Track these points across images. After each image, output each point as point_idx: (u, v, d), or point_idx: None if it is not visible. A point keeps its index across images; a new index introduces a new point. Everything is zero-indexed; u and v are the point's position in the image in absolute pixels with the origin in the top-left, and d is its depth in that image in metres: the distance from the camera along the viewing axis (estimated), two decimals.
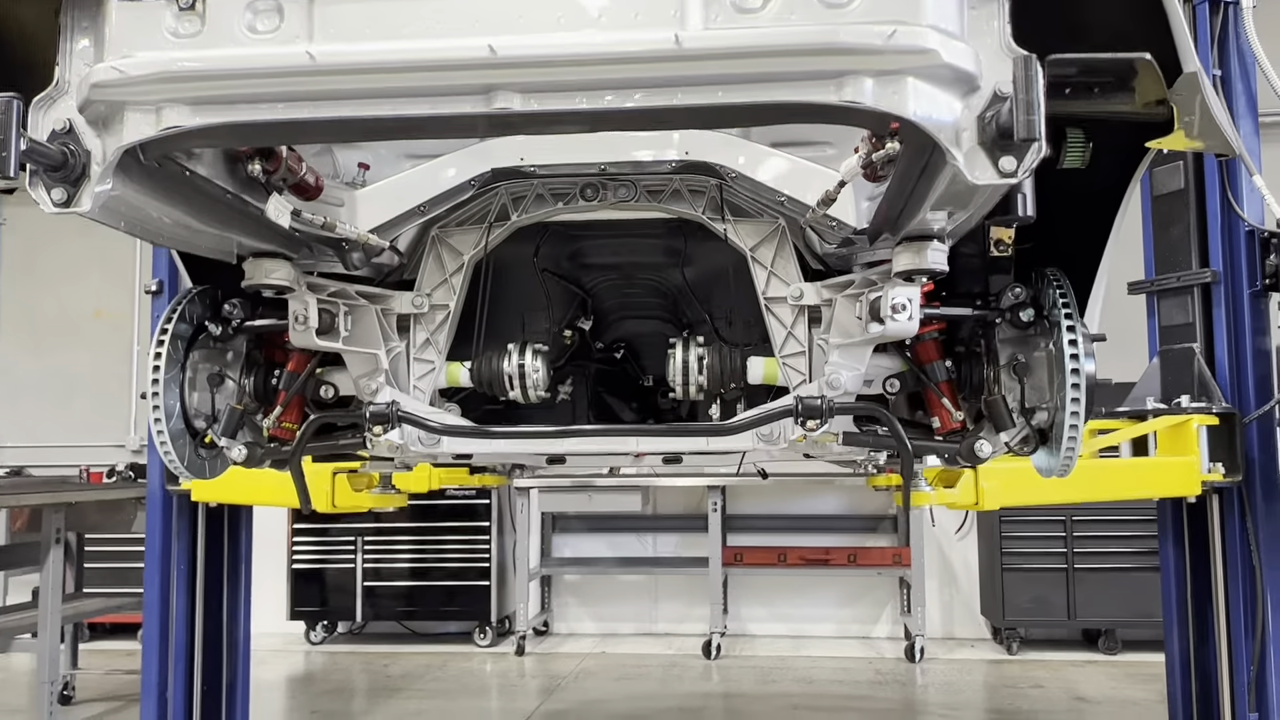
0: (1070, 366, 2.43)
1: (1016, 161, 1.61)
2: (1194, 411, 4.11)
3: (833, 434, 2.54)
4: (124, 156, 1.80)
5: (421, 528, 8.86)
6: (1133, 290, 4.60)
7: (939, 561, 9.19)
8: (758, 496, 9.41)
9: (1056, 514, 8.22)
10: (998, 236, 2.74)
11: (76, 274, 10.42)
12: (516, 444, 2.68)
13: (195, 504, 4.66)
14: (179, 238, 2.16)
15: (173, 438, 2.71)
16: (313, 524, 8.90)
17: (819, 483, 9.18)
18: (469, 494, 8.82)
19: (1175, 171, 4.39)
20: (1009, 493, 3.51)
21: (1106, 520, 8.12)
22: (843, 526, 9.31)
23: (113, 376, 10.24)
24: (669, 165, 2.55)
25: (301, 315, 2.52)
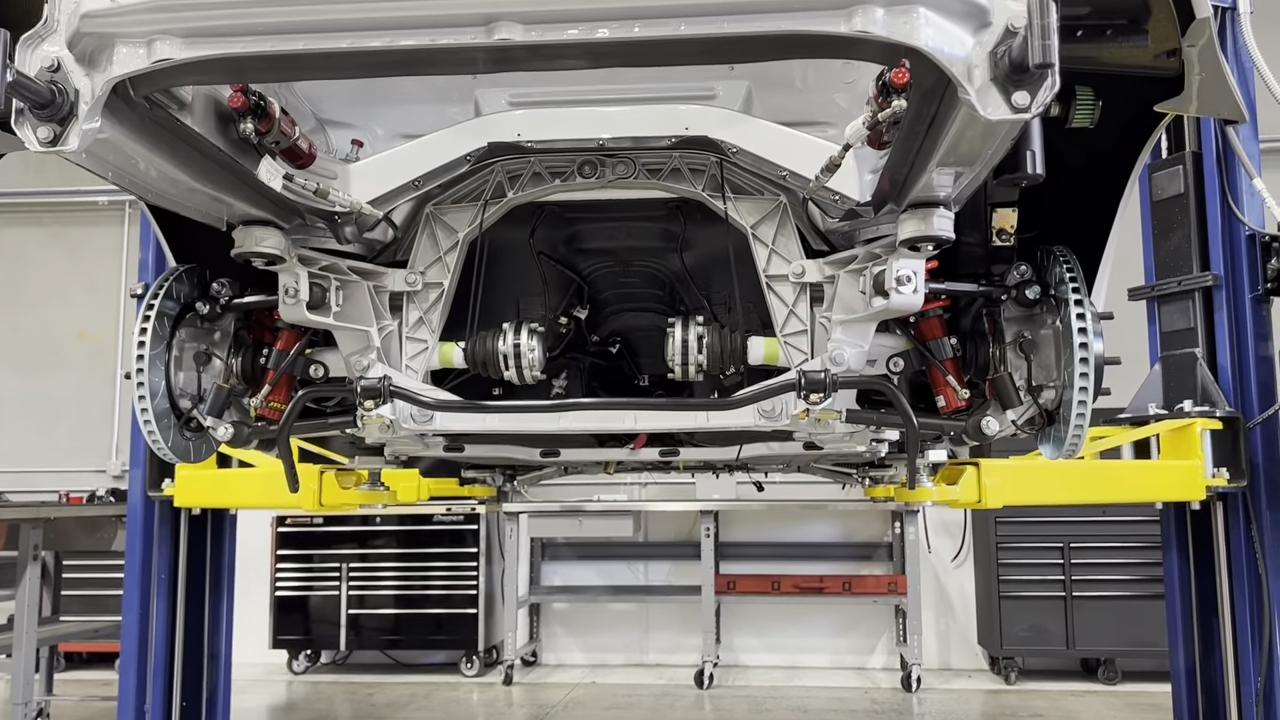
0: (1078, 342, 2.41)
1: (1030, 96, 1.59)
2: (1197, 416, 4.08)
3: (835, 411, 2.50)
4: (114, 99, 1.76)
5: (408, 554, 8.76)
6: (1133, 296, 4.59)
7: (935, 590, 9.11)
8: (751, 523, 9.33)
9: (1054, 541, 8.17)
10: (1000, 225, 2.73)
11: (62, 297, 10.37)
12: (511, 420, 2.62)
13: (178, 511, 4.59)
14: (167, 194, 2.12)
15: (157, 417, 2.66)
16: (296, 550, 8.80)
17: (813, 509, 9.13)
18: (456, 519, 8.73)
19: (1175, 176, 4.40)
20: (1012, 490, 3.47)
21: (1105, 547, 8.07)
22: (837, 554, 9.24)
23: (95, 400, 10.16)
24: (668, 140, 2.52)
25: (292, 288, 2.47)
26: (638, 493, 9.55)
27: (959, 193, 2.17)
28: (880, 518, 9.19)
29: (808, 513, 9.21)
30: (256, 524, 8.70)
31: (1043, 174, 2.09)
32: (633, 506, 8.84)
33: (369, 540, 8.81)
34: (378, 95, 2.90)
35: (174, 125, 1.94)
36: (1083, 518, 8.10)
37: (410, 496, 4.74)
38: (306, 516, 8.80)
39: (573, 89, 2.80)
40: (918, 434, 2.43)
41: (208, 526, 4.72)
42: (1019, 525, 8.21)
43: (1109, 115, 2.27)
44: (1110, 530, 8.09)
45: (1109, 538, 8.07)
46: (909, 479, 2.59)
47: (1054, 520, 8.15)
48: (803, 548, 9.26)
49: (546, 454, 3.25)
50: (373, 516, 8.78)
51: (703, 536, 8.60)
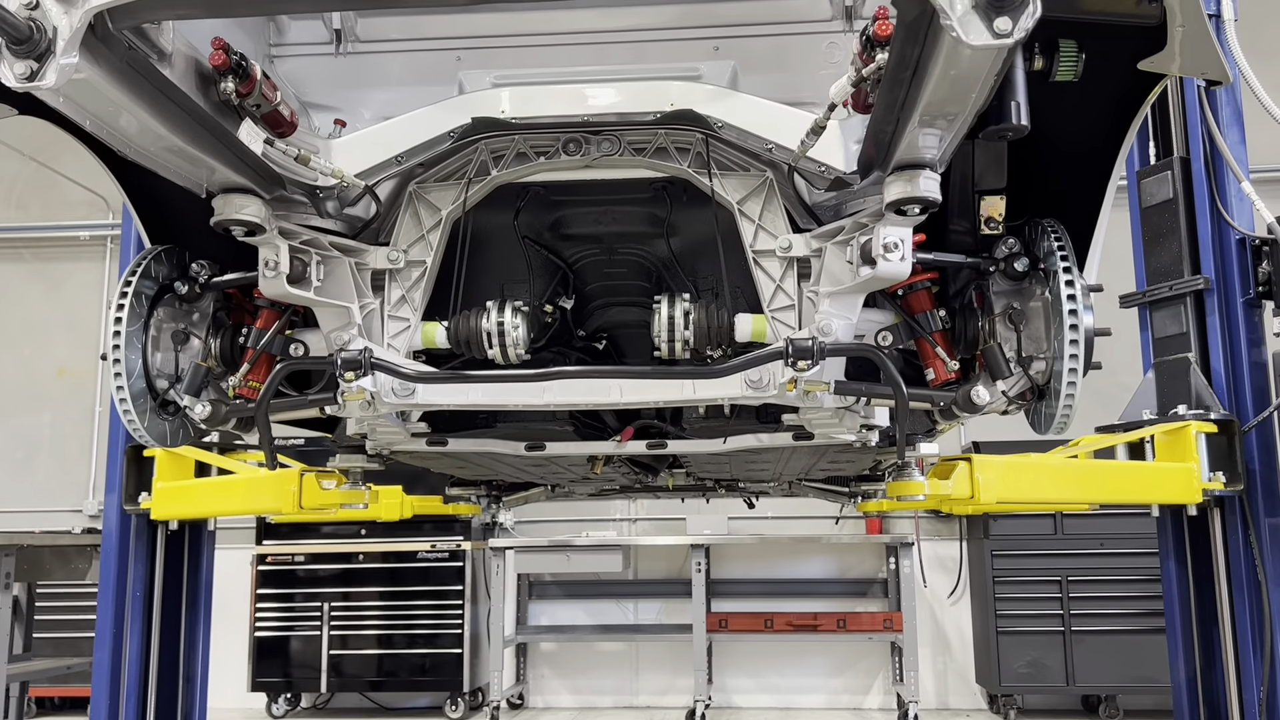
0: (1068, 309, 2.42)
1: (1012, 21, 1.61)
2: (1192, 419, 4.09)
3: (823, 382, 2.50)
4: (92, 39, 1.78)
5: (391, 592, 8.67)
6: (1125, 303, 4.62)
7: (931, 626, 9.04)
8: (743, 559, 9.27)
9: (1051, 574, 8.13)
10: (989, 213, 2.76)
11: (41, 334, 10.35)
12: (495, 391, 2.62)
13: (154, 526, 4.54)
14: (147, 151, 2.13)
15: (133, 397, 2.65)
16: (277, 589, 8.70)
17: (806, 544, 9.08)
18: (441, 556, 8.66)
19: (1164, 181, 4.45)
20: (1005, 485, 3.46)
21: (1104, 580, 8.03)
22: (831, 590, 9.17)
23: (73, 438, 10.10)
24: (654, 116, 2.55)
25: (272, 261, 2.48)
26: (627, 529, 9.50)
27: (944, 152, 2.19)
28: (875, 552, 9.14)
29: (801, 548, 9.16)
30: (236, 563, 8.62)
31: (1028, 125, 2.12)
32: (622, 541, 8.78)
33: (351, 579, 8.73)
34: (361, 78, 2.94)
35: (153, 74, 1.95)
36: (1081, 550, 8.08)
37: (393, 513, 4.70)
38: (288, 555, 8.72)
39: (558, 70, 2.85)
40: (906, 401, 2.43)
41: (185, 542, 4.67)
42: (1016, 558, 8.18)
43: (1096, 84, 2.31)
44: (1109, 563, 8.06)
45: (1108, 570, 8.03)
46: (898, 450, 2.59)
47: (1052, 553, 8.12)
48: (796, 584, 9.19)
49: (531, 447, 3.24)
50: (355, 554, 8.71)
51: (694, 572, 8.53)
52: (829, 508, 9.00)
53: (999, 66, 1.76)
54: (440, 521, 8.59)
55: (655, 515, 9.51)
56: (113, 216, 10.01)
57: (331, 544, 8.71)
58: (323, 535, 8.78)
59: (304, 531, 8.77)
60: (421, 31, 2.93)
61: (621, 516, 9.56)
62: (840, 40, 2.80)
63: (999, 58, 1.71)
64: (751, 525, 9.10)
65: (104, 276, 10.28)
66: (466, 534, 8.64)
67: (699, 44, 2.84)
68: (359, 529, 8.71)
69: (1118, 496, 4.21)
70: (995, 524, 8.25)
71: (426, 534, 8.65)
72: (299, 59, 2.91)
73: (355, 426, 2.95)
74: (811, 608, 8.82)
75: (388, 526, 8.57)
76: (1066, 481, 3.72)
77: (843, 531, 9.23)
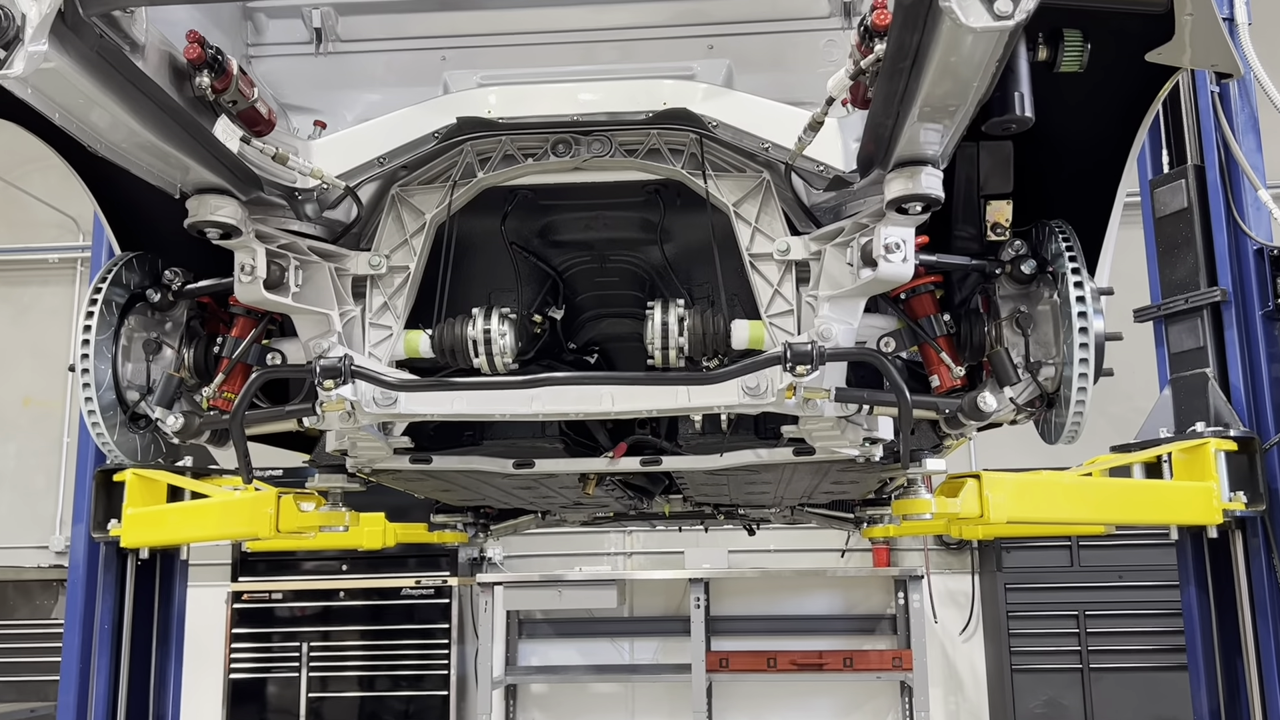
0: (1077, 311, 2.44)
1: (1013, 3, 1.63)
2: (1210, 436, 4.11)
3: (824, 390, 2.51)
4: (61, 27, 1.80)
5: (373, 631, 8.63)
6: (1139, 317, 4.65)
7: (943, 665, 9.01)
8: (744, 594, 9.25)
9: (1068, 608, 8.12)
10: (995, 219, 2.79)
11: (5, 362, 10.35)
12: (481, 400, 2.62)
13: (124, 556, 4.53)
14: (118, 147, 2.14)
15: (102, 410, 2.66)
16: (253, 629, 8.66)
17: (811, 578, 9.06)
18: (426, 593, 8.63)
19: (1177, 190, 4.49)
20: (1016, 504, 3.46)
21: (1123, 614, 8.02)
22: (837, 627, 9.14)
23: (39, 471, 10.08)
24: (646, 115, 2.57)
25: (248, 265, 2.49)
26: (622, 563, 9.48)
27: (946, 147, 2.21)
28: (883, 586, 9.12)
29: (805, 582, 9.14)
30: (210, 600, 8.57)
31: (1032, 117, 2.14)
32: (617, 576, 8.76)
33: (331, 617, 8.69)
34: (342, 79, 2.97)
35: (126, 65, 1.97)
36: (1099, 583, 8.07)
37: (375, 541, 4.71)
38: (265, 592, 8.69)
39: (546, 70, 2.87)
40: (909, 407, 2.44)
41: (156, 573, 4.66)
42: (1031, 592, 8.17)
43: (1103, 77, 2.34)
44: (1129, 596, 8.05)
45: (1128, 604, 8.03)
46: (902, 457, 2.60)
47: (1068, 586, 8.11)
48: (800, 621, 9.16)
49: (520, 465, 3.24)
50: (335, 591, 8.68)
51: (692, 608, 8.51)
52: (834, 539, 8.99)
53: (1000, 52, 1.78)
54: (425, 556, 8.57)
55: (651, 548, 9.50)
56: (83, 238, 10.04)
57: (311, 580, 8.68)
58: (302, 571, 8.75)
59: (282, 567, 8.73)
60: (405, 30, 2.96)
61: (616, 550, 9.55)
62: (839, 38, 2.83)
63: (1000, 42, 1.73)
64: (753, 558, 9.09)
65: (73, 301, 10.29)
66: (453, 569, 8.61)
67: (692, 42, 2.87)
68: (340, 565, 8.68)
69: (1134, 517, 4.22)
70: (1009, 556, 8.24)
71: (411, 569, 8.63)
72: (277, 59, 2.94)
73: (335, 442, 2.95)
74: (817, 646, 8.79)
75: (370, 562, 8.55)
76: (1080, 500, 3.73)
77: (849, 564, 9.22)
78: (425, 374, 2.83)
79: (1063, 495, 3.72)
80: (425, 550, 8.34)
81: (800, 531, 8.52)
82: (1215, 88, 4.42)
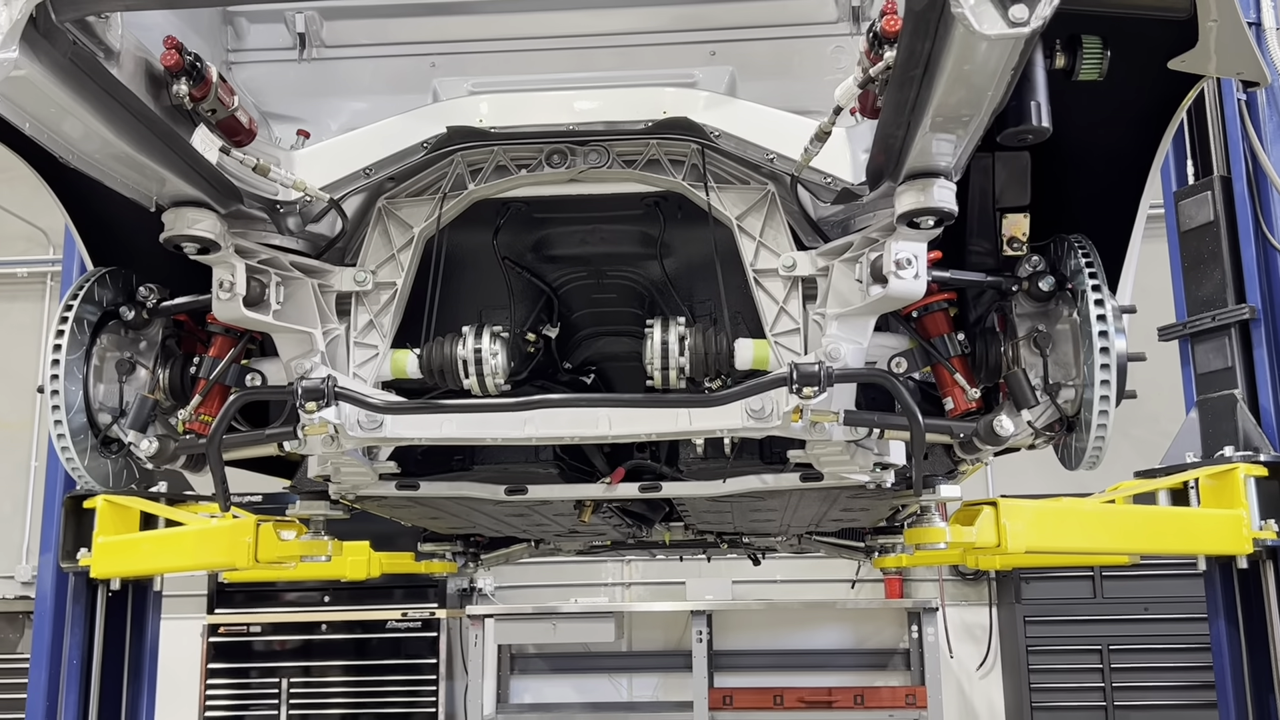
0: (1098, 330, 2.45)
1: (1028, 9, 1.64)
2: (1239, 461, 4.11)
3: (832, 413, 2.51)
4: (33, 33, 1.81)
5: (357, 666, 8.61)
6: (1164, 336, 4.66)
7: (959, 702, 8.99)
8: (749, 627, 9.22)
9: (1091, 643, 8.11)
10: (1011, 233, 2.80)
11: None
12: (471, 423, 2.63)
13: (94, 587, 4.53)
14: (91, 158, 2.15)
15: (72, 434, 2.66)
16: (230, 664, 8.63)
17: (819, 610, 9.05)
18: (413, 626, 8.61)
19: (1203, 203, 4.50)
20: (1035, 533, 3.46)
21: (1150, 649, 8.01)
22: (847, 663, 9.12)
23: (5, 497, 10.07)
24: (645, 125, 2.58)
25: (227, 282, 2.49)
26: (620, 594, 9.46)
27: (959, 159, 2.22)
28: (895, 619, 9.10)
29: (813, 614, 9.12)
30: (185, 634, 8.55)
31: (1050, 127, 2.16)
32: (614, 608, 8.74)
33: (313, 652, 8.67)
34: (327, 86, 2.99)
35: (100, 73, 1.98)
36: (1123, 615, 8.06)
37: (360, 571, 4.71)
38: (242, 625, 8.67)
39: (539, 78, 2.89)
40: (922, 431, 2.44)
41: (128, 605, 4.66)
42: (1052, 625, 8.16)
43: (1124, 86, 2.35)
44: (1155, 629, 8.04)
45: (1153, 637, 8.02)
46: (914, 484, 2.60)
47: (1091, 619, 8.11)
48: (808, 655, 9.14)
49: (512, 491, 3.24)
50: (317, 624, 8.66)
51: (694, 642, 8.50)
52: (843, 569, 8.98)
53: (1016, 60, 1.79)
54: (412, 587, 8.55)
55: (651, 579, 9.48)
56: (53, 251, 10.07)
57: (291, 613, 8.66)
58: (281, 603, 8.73)
59: (260, 599, 8.71)
60: (392, 36, 2.97)
61: (614, 581, 9.53)
62: (847, 44, 2.85)
63: (1016, 50, 1.75)
64: (758, 589, 9.08)
65: (42, 317, 10.30)
66: (441, 601, 8.59)
67: (694, 48, 2.89)
68: (321, 596, 8.66)
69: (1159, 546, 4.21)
70: (1028, 587, 8.23)
71: (396, 601, 8.61)
72: (259, 65, 2.96)
73: (317, 467, 2.95)
74: (826, 682, 8.77)
75: (353, 593, 8.53)
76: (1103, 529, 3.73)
77: (859, 596, 9.21)
78: (413, 396, 2.84)
79: (1084, 523, 3.72)
80: (412, 581, 8.32)
81: (808, 561, 8.52)
82: (1242, 95, 4.45)
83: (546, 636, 8.65)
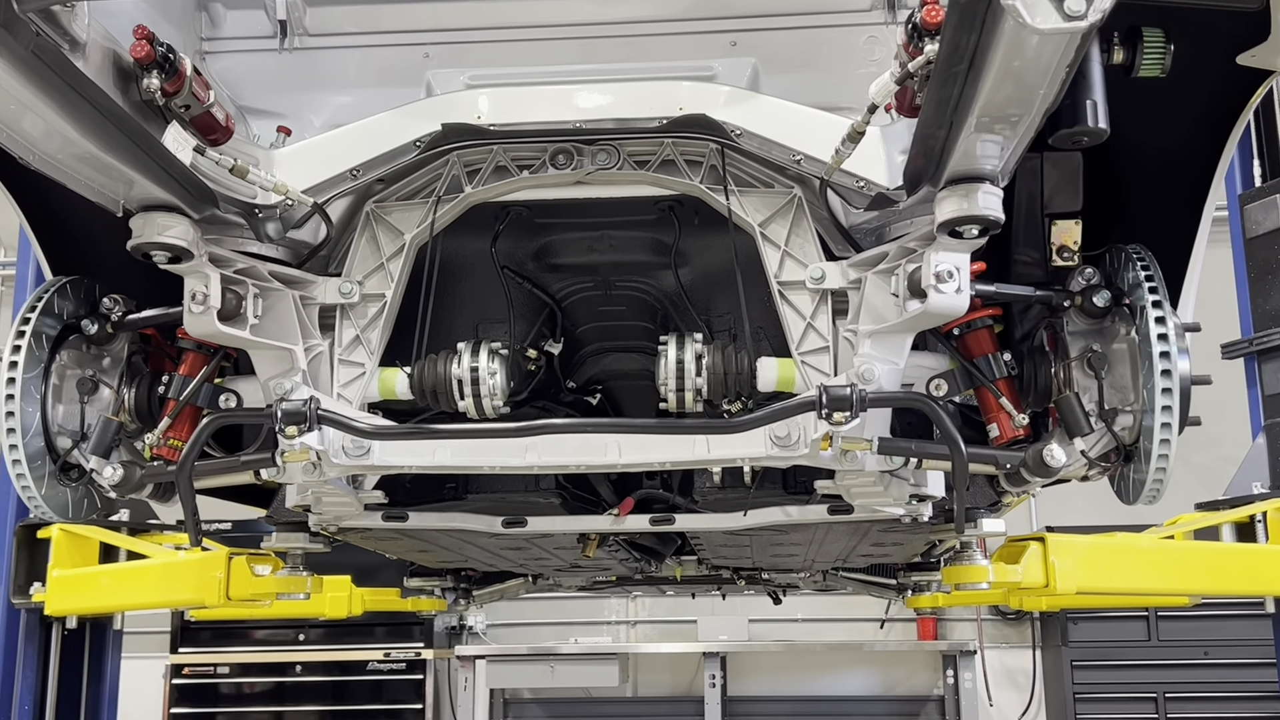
0: (1158, 351, 2.44)
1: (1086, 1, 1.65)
2: None
3: (865, 440, 2.51)
4: None
5: (336, 711, 8.62)
6: (1228, 354, 4.66)
7: None
8: (767, 671, 9.21)
9: (1146, 690, 8.09)
10: (1062, 241, 2.80)
11: None
12: (467, 450, 2.63)
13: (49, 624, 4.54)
14: (54, 158, 2.16)
15: (29, 459, 2.67)
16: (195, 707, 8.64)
17: (845, 652, 9.03)
18: (397, 668, 8.62)
19: (1272, 207, 4.50)
20: (1087, 572, 3.45)
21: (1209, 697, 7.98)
22: (876, 710, 9.12)
23: None
24: (659, 122, 2.59)
25: (200, 294, 2.50)
26: (624, 633, 9.45)
27: (1007, 162, 2.22)
28: (929, 662, 9.09)
29: (838, 657, 9.11)
30: (145, 674, 8.55)
31: (1107, 128, 2.16)
32: (619, 649, 8.74)
33: (286, 695, 8.70)
34: (311, 79, 3.00)
35: (64, 66, 1.98)
36: (1181, 659, 8.03)
37: (340, 609, 4.71)
38: (209, 665, 8.68)
39: (543, 69, 2.90)
40: (965, 462, 2.44)
41: (85, 645, 4.67)
42: (1102, 670, 8.14)
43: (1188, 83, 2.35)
44: (1215, 676, 8.03)
45: (1214, 684, 8.00)
46: (956, 520, 2.59)
47: (1146, 664, 8.09)
48: (832, 703, 9.13)
49: (510, 524, 3.24)
50: (291, 665, 8.67)
51: (707, 687, 8.50)
52: (871, 607, 8.96)
53: (1071, 56, 1.79)
54: (396, 624, 8.56)
55: (659, 617, 9.47)
56: (5, 254, 10.10)
57: (262, 652, 8.67)
58: (252, 642, 8.74)
59: (229, 637, 8.72)
60: (381, 23, 2.98)
61: (618, 619, 9.52)
62: (881, 34, 2.86)
63: (1071, 45, 1.75)
64: (777, 629, 9.07)
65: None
66: (428, 640, 8.60)
67: (713, 38, 2.90)
68: (296, 634, 8.67)
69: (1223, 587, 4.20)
70: (1076, 628, 8.21)
71: (379, 640, 8.62)
72: (237, 55, 2.97)
73: (296, 497, 2.96)
74: None
75: (332, 631, 8.54)
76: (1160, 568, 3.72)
77: (889, 637, 9.19)
78: (403, 418, 2.84)
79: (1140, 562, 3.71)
80: (396, 618, 8.32)
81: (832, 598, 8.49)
82: None
83: (544, 680, 8.64)
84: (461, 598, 5.39)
